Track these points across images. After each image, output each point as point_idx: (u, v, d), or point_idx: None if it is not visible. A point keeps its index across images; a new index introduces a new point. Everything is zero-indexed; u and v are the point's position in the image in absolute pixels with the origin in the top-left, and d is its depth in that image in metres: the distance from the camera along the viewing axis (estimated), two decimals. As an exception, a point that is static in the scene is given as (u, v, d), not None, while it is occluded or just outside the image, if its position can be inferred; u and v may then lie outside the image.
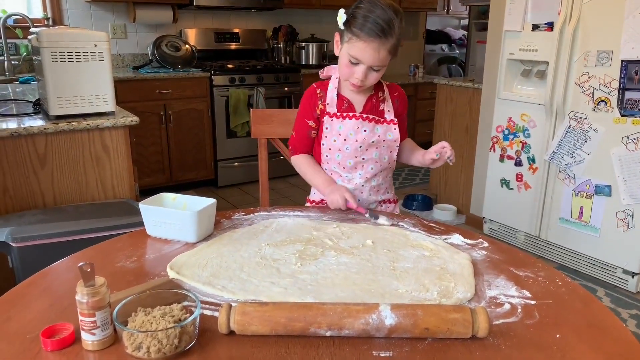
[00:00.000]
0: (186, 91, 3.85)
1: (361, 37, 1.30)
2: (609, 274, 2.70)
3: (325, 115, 1.45)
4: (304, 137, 1.51)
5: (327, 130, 1.45)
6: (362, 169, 1.47)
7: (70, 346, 0.80)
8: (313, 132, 1.49)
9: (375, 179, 1.49)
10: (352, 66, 1.35)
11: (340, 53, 1.39)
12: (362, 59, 1.32)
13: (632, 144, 2.45)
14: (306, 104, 1.50)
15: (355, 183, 1.48)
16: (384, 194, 1.54)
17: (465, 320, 0.82)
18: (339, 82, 1.47)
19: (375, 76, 1.37)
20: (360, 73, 1.34)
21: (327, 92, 1.47)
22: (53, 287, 1.00)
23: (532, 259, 1.16)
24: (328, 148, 1.46)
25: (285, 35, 4.64)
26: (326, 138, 1.46)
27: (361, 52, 1.31)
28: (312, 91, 1.50)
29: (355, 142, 1.43)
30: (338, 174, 1.48)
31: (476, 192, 3.45)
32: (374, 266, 1.07)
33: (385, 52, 1.31)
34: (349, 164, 1.46)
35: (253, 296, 0.95)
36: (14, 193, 1.88)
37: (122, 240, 1.21)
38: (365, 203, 1.51)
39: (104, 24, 3.99)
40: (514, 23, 2.84)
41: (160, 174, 3.88)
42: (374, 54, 1.30)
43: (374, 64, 1.33)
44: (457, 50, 6.96)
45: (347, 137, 1.43)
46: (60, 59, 1.87)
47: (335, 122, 1.45)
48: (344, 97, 1.47)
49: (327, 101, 1.46)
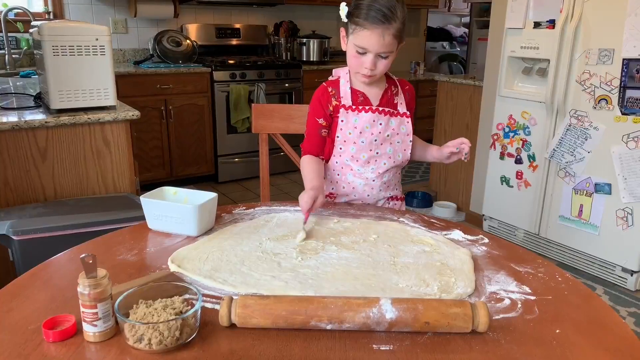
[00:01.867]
0: (187, 86, 3.85)
1: (365, 26, 1.31)
2: (608, 272, 2.71)
3: (341, 108, 1.44)
4: (314, 136, 1.48)
5: (343, 122, 1.44)
6: (375, 163, 1.46)
7: (72, 337, 0.81)
8: (324, 131, 1.47)
9: (387, 174, 1.49)
10: (360, 57, 1.36)
11: (347, 46, 1.39)
12: (369, 47, 1.33)
13: (632, 142, 2.45)
14: (316, 102, 1.47)
15: (366, 177, 1.47)
16: (392, 191, 1.54)
17: (466, 314, 0.82)
18: (350, 77, 1.47)
19: (384, 64, 1.37)
20: (368, 62, 1.35)
21: (340, 87, 1.47)
22: (55, 279, 1.00)
23: (532, 254, 1.16)
24: (343, 140, 1.45)
25: (287, 31, 4.63)
26: (341, 130, 1.45)
27: (366, 40, 1.32)
28: (322, 90, 1.48)
29: (371, 135, 1.43)
30: (350, 167, 1.47)
31: (476, 190, 3.45)
32: (375, 261, 1.07)
33: (391, 37, 1.32)
34: (362, 157, 1.45)
35: (254, 290, 0.95)
36: (15, 186, 1.88)
37: (123, 234, 1.21)
38: (374, 199, 1.51)
39: (105, 19, 3.99)
40: (516, 20, 2.83)
41: (160, 168, 3.88)
42: (379, 39, 1.31)
43: (381, 51, 1.33)
44: (458, 47, 6.95)
45: (363, 130, 1.43)
46: (61, 52, 1.87)
47: (351, 115, 1.44)
48: (358, 91, 1.46)
49: (342, 95, 1.45)
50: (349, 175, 1.48)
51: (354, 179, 1.48)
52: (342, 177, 1.49)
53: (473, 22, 5.50)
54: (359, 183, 1.47)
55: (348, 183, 1.48)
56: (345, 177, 1.48)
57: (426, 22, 5.96)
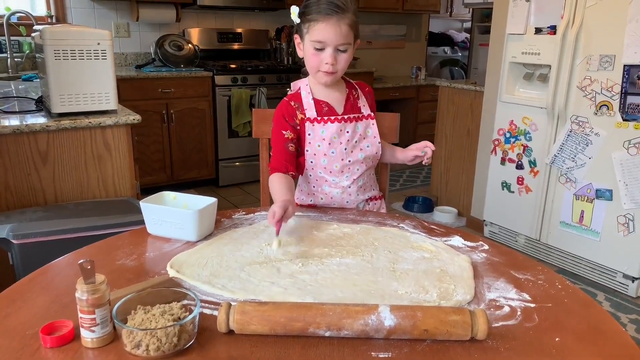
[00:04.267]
0: (188, 90, 3.85)
1: (319, 19, 1.32)
2: (609, 279, 2.70)
3: (307, 122, 1.43)
4: (281, 152, 1.41)
5: (310, 136, 1.43)
6: (348, 171, 1.46)
7: (70, 343, 0.80)
8: (291, 145, 1.42)
9: (361, 178, 1.48)
10: (319, 53, 1.35)
11: (304, 48, 1.39)
12: (326, 39, 1.32)
13: (633, 148, 2.45)
14: (279, 116, 1.44)
15: (342, 186, 1.46)
16: (369, 192, 1.53)
17: (465, 322, 0.82)
18: (310, 88, 1.46)
19: (344, 58, 1.36)
20: (328, 57, 1.34)
21: (302, 99, 1.45)
22: (53, 284, 1.00)
23: (532, 262, 1.16)
24: (313, 154, 1.44)
25: (288, 36, 4.64)
26: (310, 144, 1.43)
27: (323, 32, 1.32)
28: (284, 104, 1.46)
29: (340, 145, 1.43)
30: (324, 179, 1.46)
31: (477, 195, 3.45)
32: (374, 267, 1.07)
33: (346, 27, 1.32)
34: (335, 168, 1.44)
35: (253, 296, 0.95)
36: (15, 190, 1.88)
37: (122, 238, 1.21)
38: (353, 203, 1.50)
39: (107, 23, 4.00)
40: (517, 26, 2.83)
41: (161, 172, 3.89)
42: (336, 29, 1.31)
43: (339, 42, 1.33)
44: (459, 52, 6.96)
45: (332, 141, 1.42)
46: (63, 56, 1.87)
47: (317, 127, 1.42)
48: (321, 101, 1.45)
49: (305, 107, 1.44)
50: (325, 187, 1.47)
51: (330, 189, 1.47)
52: (319, 189, 1.48)
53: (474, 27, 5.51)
54: (336, 192, 1.47)
55: (325, 194, 1.48)
56: (321, 188, 1.48)
57: (428, 27, 5.97)
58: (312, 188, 1.49)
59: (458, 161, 3.65)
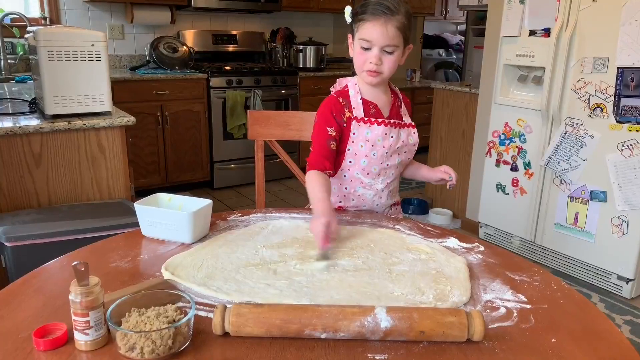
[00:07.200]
0: (183, 92, 3.84)
1: (368, 19, 1.32)
2: (604, 280, 2.71)
3: (353, 121, 1.41)
4: (323, 148, 1.38)
5: (354, 135, 1.41)
6: (384, 175, 1.46)
7: (63, 346, 0.80)
8: (332, 143, 1.39)
9: (393, 183, 1.50)
10: (365, 52, 1.36)
11: (354, 46, 1.40)
12: (372, 39, 1.33)
13: (627, 150, 2.46)
14: (326, 111, 1.41)
15: (376, 189, 1.46)
16: (395, 197, 1.55)
17: (461, 323, 0.81)
18: (359, 87, 1.45)
19: (390, 60, 1.36)
20: (373, 57, 1.34)
21: (350, 98, 1.44)
22: (46, 287, 0.99)
23: (527, 263, 1.16)
24: (354, 153, 1.42)
25: (283, 38, 4.64)
26: (352, 143, 1.42)
27: (370, 31, 1.32)
28: (333, 100, 1.43)
29: (383, 149, 1.42)
30: (360, 180, 1.45)
31: (472, 197, 3.46)
32: (370, 269, 1.07)
33: (394, 29, 1.32)
34: (373, 170, 1.44)
35: (248, 298, 0.94)
36: (9, 192, 1.87)
37: (116, 240, 1.20)
38: (382, 207, 1.50)
39: (102, 24, 3.99)
40: (511, 29, 2.85)
41: (156, 174, 3.87)
42: (383, 30, 1.31)
43: (385, 43, 1.33)
44: (454, 55, 6.99)
45: (375, 144, 1.41)
46: (57, 58, 1.86)
47: (363, 127, 1.41)
48: (369, 102, 1.44)
49: (353, 106, 1.42)
50: (359, 188, 1.46)
51: (364, 191, 1.46)
52: (352, 190, 1.47)
53: (469, 29, 5.53)
54: (369, 195, 1.47)
55: (358, 195, 1.47)
56: (354, 189, 1.47)
57: (422, 30, 5.99)
58: (345, 189, 1.47)
59: (453, 163, 3.65)
